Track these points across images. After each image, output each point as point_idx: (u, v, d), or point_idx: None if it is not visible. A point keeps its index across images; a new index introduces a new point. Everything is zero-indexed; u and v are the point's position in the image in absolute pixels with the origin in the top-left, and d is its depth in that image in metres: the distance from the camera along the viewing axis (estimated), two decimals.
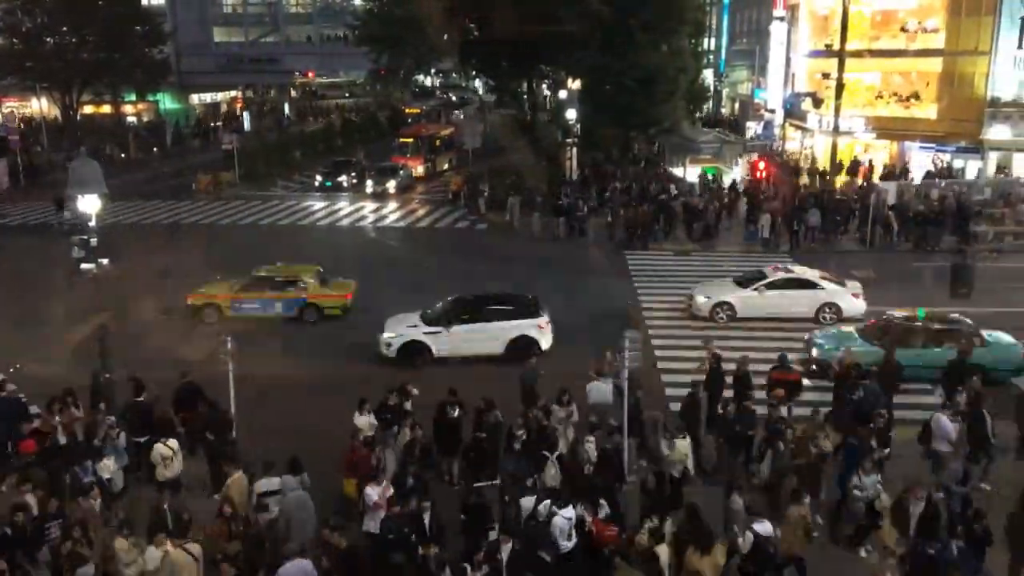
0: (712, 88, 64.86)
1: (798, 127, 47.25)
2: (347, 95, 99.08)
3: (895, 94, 42.70)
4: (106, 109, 68.97)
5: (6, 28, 58.73)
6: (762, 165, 41.03)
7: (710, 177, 40.44)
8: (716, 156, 42.44)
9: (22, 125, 60.53)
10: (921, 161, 40.58)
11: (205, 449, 15.27)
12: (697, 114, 57.05)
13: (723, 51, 66.32)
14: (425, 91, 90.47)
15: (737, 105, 63.31)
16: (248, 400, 16.38)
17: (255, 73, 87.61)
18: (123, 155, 56.51)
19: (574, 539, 11.98)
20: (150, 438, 14.84)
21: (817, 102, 40.83)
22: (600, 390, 16.03)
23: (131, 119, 71.17)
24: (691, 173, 41.58)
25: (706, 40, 64.86)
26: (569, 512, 12.03)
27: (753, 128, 48.60)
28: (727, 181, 40.37)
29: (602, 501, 12.64)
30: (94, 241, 25.33)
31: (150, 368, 17.61)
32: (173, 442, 14.58)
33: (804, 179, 41.23)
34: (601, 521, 12.38)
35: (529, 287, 27.46)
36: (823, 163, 42.59)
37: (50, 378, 18.62)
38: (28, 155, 51.43)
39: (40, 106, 69.00)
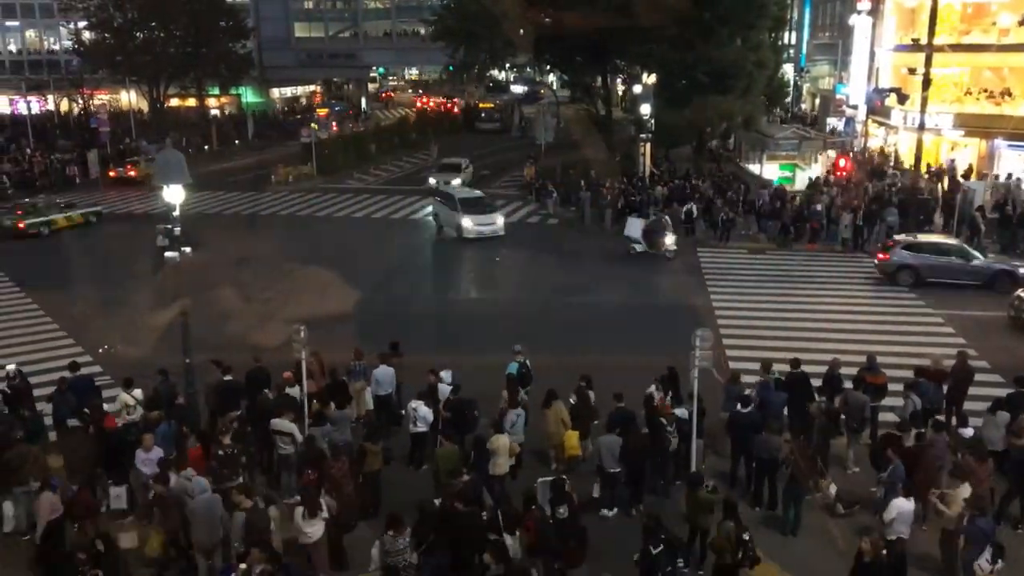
0: (792, 83, 63.44)
1: (881, 124, 45.87)
2: (420, 92, 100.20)
3: (985, 90, 41.04)
4: (191, 102, 71.19)
5: (98, 23, 61.17)
6: (843, 163, 39.98)
7: (788, 173, 39.65)
8: (795, 153, 41.53)
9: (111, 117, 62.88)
10: (1011, 160, 38.96)
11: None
12: (776, 110, 55.90)
13: (804, 45, 64.78)
14: (499, 85, 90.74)
15: (818, 101, 61.84)
16: None
17: (333, 68, 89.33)
18: (206, 147, 58.23)
19: None
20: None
21: (902, 98, 39.51)
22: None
23: (214, 112, 73.28)
24: (768, 170, 40.82)
25: (787, 34, 63.45)
26: None
27: (834, 124, 47.38)
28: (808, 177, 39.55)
29: None
30: (178, 230, 26.21)
31: (227, 353, 18.14)
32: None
33: (886, 177, 40.04)
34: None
35: (599, 282, 27.52)
36: (907, 161, 41.34)
37: (135, 360, 19.41)
38: (117, 146, 53.44)
39: (129, 99, 71.72)
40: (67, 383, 16.52)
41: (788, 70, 63.02)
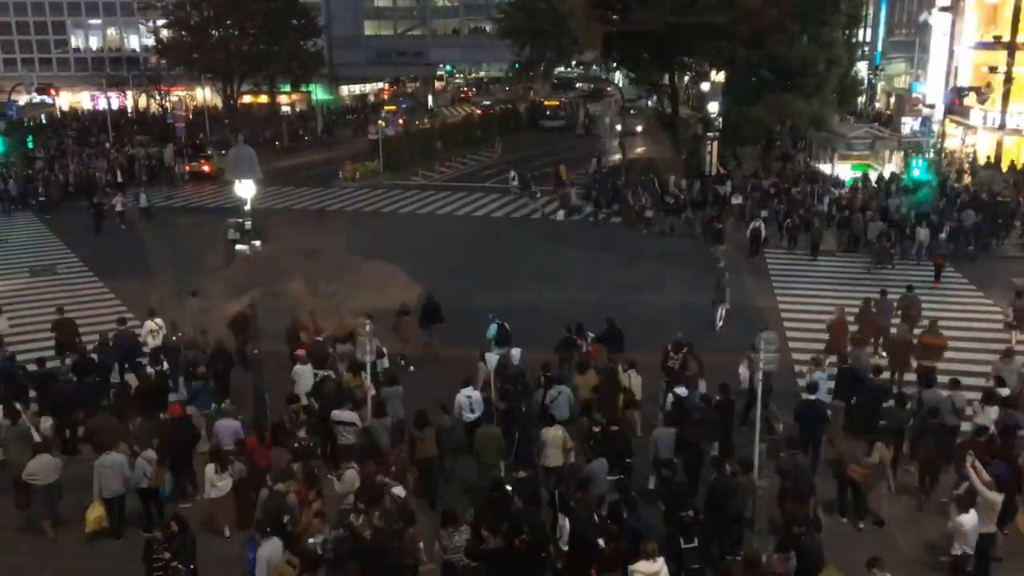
0: (866, 81, 61.84)
1: (959, 123, 44.44)
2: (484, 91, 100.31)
3: None
4: (263, 99, 72.68)
5: (176, 21, 62.93)
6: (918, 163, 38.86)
7: (859, 173, 38.64)
8: (868, 153, 40.48)
9: (188, 114, 64.65)
10: None
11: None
12: (848, 108, 54.59)
13: (879, 42, 63.10)
14: (564, 83, 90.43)
15: (892, 99, 60.21)
16: None
17: (401, 65, 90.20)
18: (276, 143, 59.43)
19: None
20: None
21: (982, 97, 38.24)
22: None
23: (285, 109, 74.68)
24: (839, 170, 39.89)
25: (861, 31, 61.87)
26: None
27: (909, 124, 46.11)
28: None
29: None
30: (248, 224, 26.87)
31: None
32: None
33: (965, 179, 38.77)
34: None
35: (660, 281, 27.29)
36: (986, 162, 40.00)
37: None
38: (192, 141, 54.92)
39: (204, 95, 73.62)
40: (108, 337, 18.46)
41: (862, 68, 61.46)
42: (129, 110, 74.44)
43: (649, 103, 54.16)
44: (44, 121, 67.84)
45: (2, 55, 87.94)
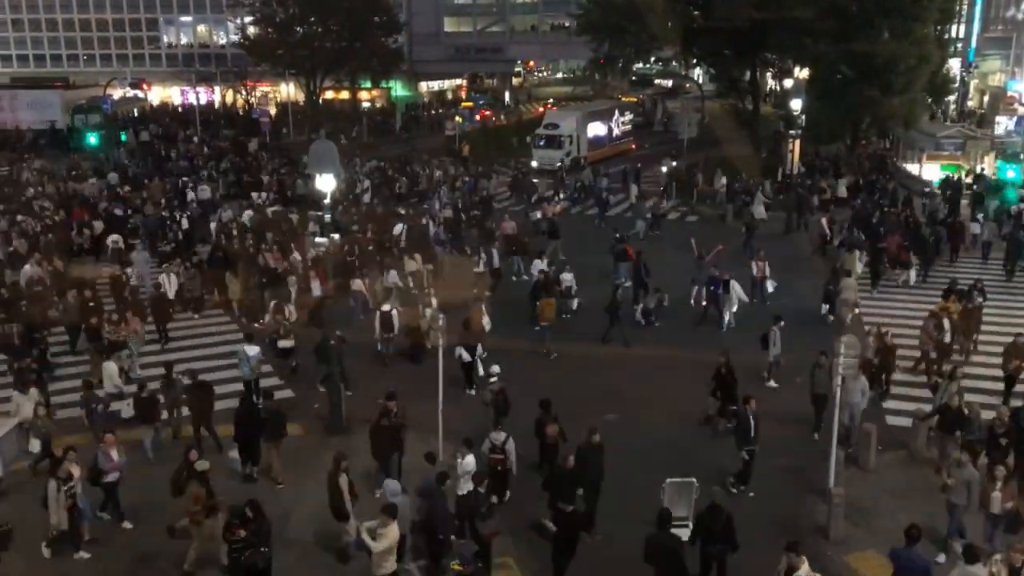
0: (959, 79, 59.55)
1: None
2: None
3: None
4: (344, 95, 73.95)
5: (262, 19, 64.51)
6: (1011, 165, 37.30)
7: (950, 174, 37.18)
8: (958, 153, 38.95)
9: (272, 109, 66.24)
10: None
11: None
12: (939, 107, 52.71)
13: (974, 39, 60.68)
14: (643, 79, 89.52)
15: (987, 98, 57.92)
16: None
17: (480, 62, 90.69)
18: (354, 135, 60.40)
19: None
20: None
21: None
22: None
23: (365, 104, 75.79)
24: (928, 171, 38.52)
25: (954, 27, 59.59)
26: None
27: (1004, 123, 44.25)
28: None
29: None
30: (328, 217, 27.41)
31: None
32: None
33: None
34: None
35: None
36: None
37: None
38: (276, 136, 56.28)
39: (288, 91, 75.33)
40: None
41: (954, 65, 59.24)
42: (216, 105, 76.65)
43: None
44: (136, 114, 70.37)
45: (99, 51, 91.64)
